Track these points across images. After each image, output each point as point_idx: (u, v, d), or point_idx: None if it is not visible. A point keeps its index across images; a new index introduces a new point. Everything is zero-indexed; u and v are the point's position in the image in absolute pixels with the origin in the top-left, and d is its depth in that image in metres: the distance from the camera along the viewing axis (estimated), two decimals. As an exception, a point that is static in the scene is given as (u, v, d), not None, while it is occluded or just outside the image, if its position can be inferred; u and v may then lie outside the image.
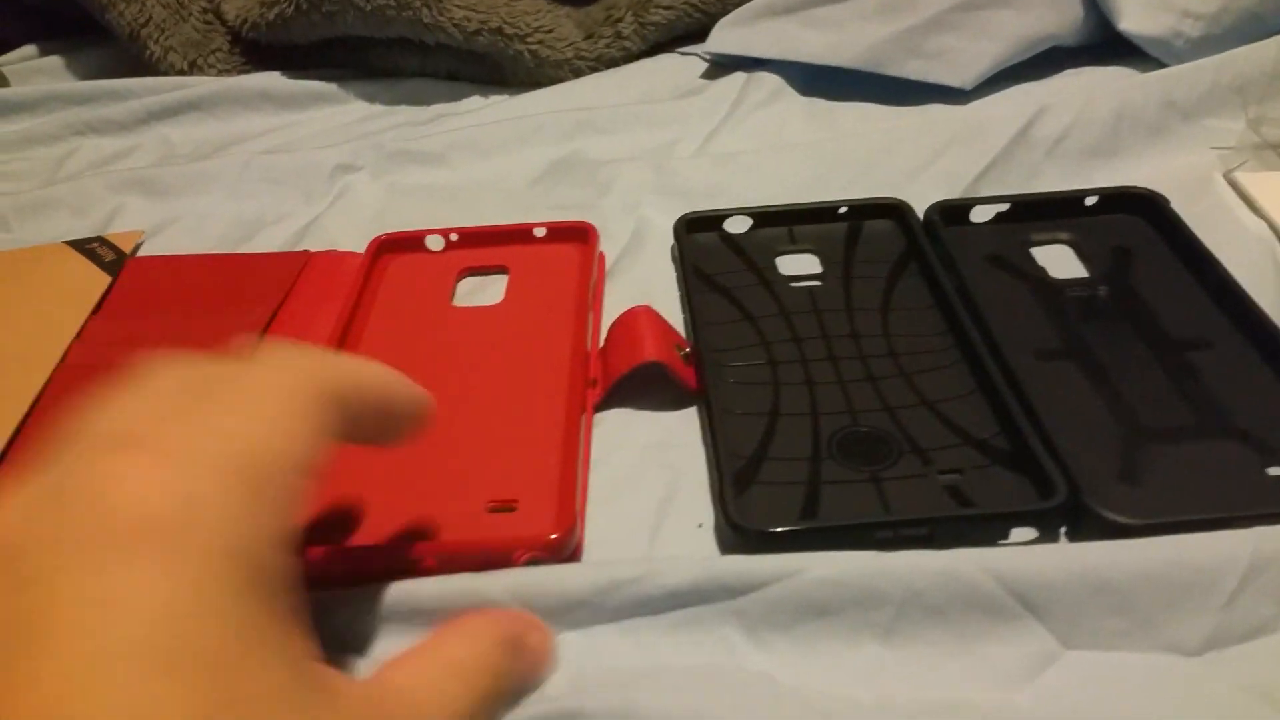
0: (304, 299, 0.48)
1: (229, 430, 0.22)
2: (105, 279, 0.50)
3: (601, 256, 0.50)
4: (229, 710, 0.19)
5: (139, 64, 0.66)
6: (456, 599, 0.33)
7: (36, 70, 0.71)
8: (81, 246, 0.52)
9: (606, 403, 0.42)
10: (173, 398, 0.22)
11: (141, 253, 0.53)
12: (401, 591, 0.33)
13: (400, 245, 0.50)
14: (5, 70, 0.70)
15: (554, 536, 0.35)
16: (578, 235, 0.50)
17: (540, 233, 0.50)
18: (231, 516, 0.20)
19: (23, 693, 0.18)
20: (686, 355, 0.42)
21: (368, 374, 0.27)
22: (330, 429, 0.24)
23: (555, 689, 0.32)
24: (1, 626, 0.19)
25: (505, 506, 0.37)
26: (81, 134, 0.63)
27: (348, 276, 0.48)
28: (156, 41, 0.65)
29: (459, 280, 0.49)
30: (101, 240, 0.53)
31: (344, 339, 0.44)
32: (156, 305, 0.49)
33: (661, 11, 0.65)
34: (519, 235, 0.50)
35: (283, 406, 0.23)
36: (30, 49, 0.73)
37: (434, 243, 0.50)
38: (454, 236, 0.50)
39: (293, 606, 0.22)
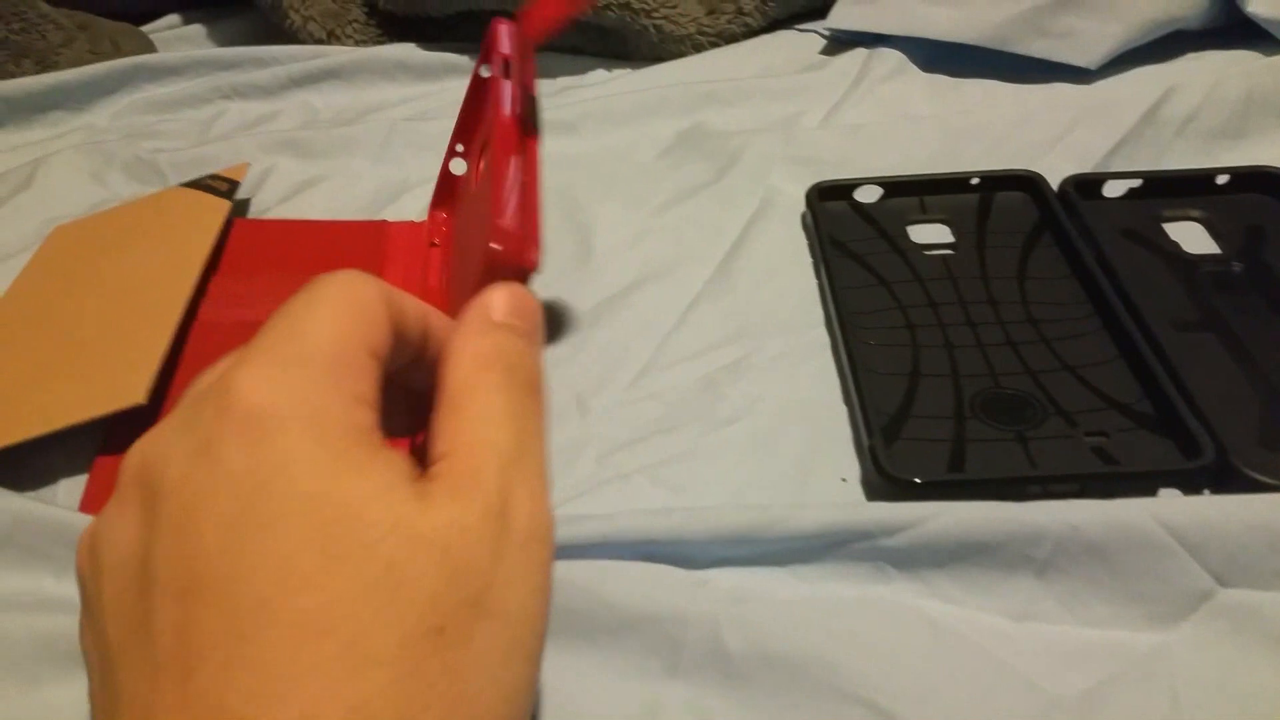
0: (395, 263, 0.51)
1: (304, 331, 0.24)
2: (225, 204, 0.53)
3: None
4: (343, 527, 0.21)
5: (278, 32, 0.69)
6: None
7: (180, 38, 0.75)
8: (197, 184, 0.55)
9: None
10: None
11: (296, 209, 0.56)
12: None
13: None
14: (152, 37, 0.73)
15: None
16: None
17: None
18: (316, 389, 0.23)
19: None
20: None
21: (413, 302, 0.27)
22: (383, 327, 0.25)
23: (712, 617, 0.33)
24: (146, 535, 0.22)
25: None
26: (228, 97, 0.66)
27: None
28: (297, 11, 0.67)
29: None
30: (212, 175, 0.56)
31: None
32: (267, 265, 0.52)
33: (784, -12, 0.66)
34: None
35: (342, 308, 0.24)
36: (174, 18, 0.76)
37: None
38: None
39: (375, 440, 0.23)
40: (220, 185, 0.55)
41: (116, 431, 0.43)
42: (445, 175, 0.52)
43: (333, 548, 0.21)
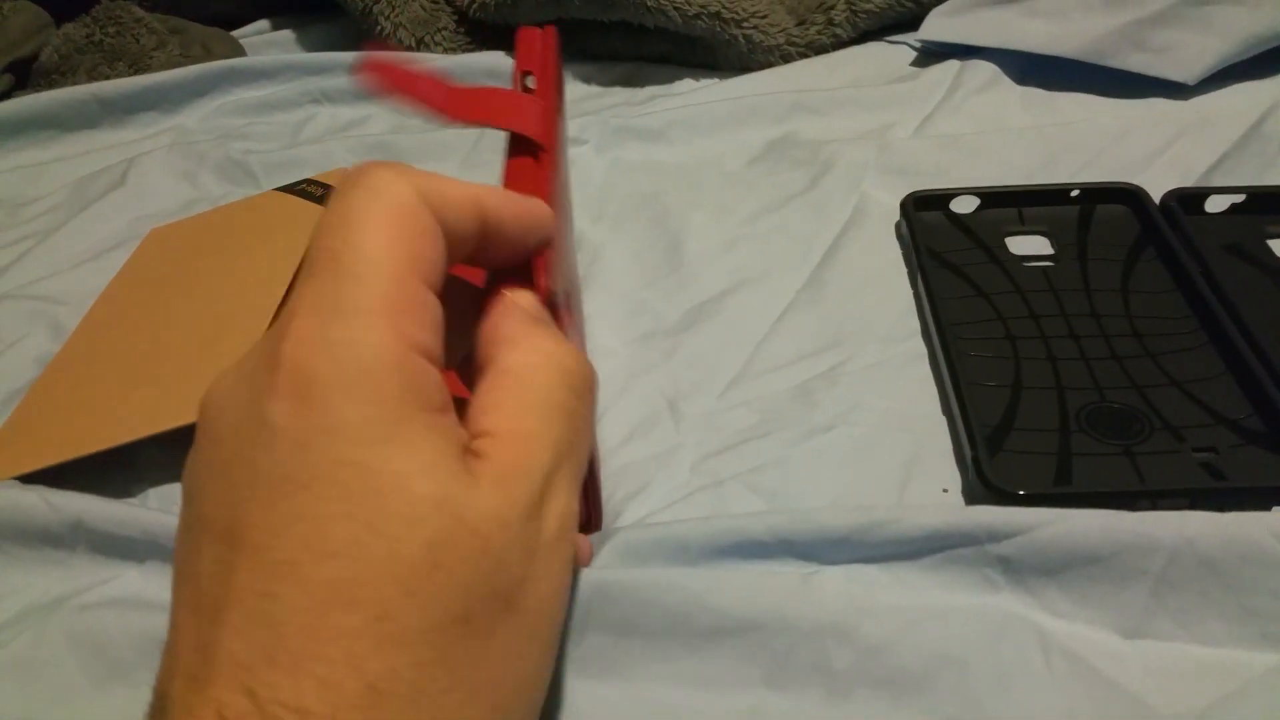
0: None
1: (353, 270, 0.22)
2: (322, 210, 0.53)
3: None
4: (382, 498, 0.21)
5: (367, 39, 0.70)
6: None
7: (269, 43, 0.76)
8: (292, 189, 0.56)
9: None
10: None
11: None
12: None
13: None
14: (242, 42, 0.74)
15: None
16: None
17: None
18: (367, 346, 0.22)
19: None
20: None
21: (458, 190, 0.25)
22: (435, 243, 0.24)
23: (816, 626, 0.33)
24: (207, 479, 0.22)
25: None
26: (318, 102, 0.67)
27: None
28: (387, 18, 0.68)
29: None
30: (309, 180, 0.56)
31: None
32: None
33: (874, 0, 0.66)
34: None
35: (391, 232, 0.23)
36: (263, 24, 0.78)
37: None
38: None
39: (436, 405, 0.23)
40: (316, 190, 0.55)
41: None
42: None
43: (371, 518, 0.21)
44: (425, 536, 0.21)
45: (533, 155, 0.30)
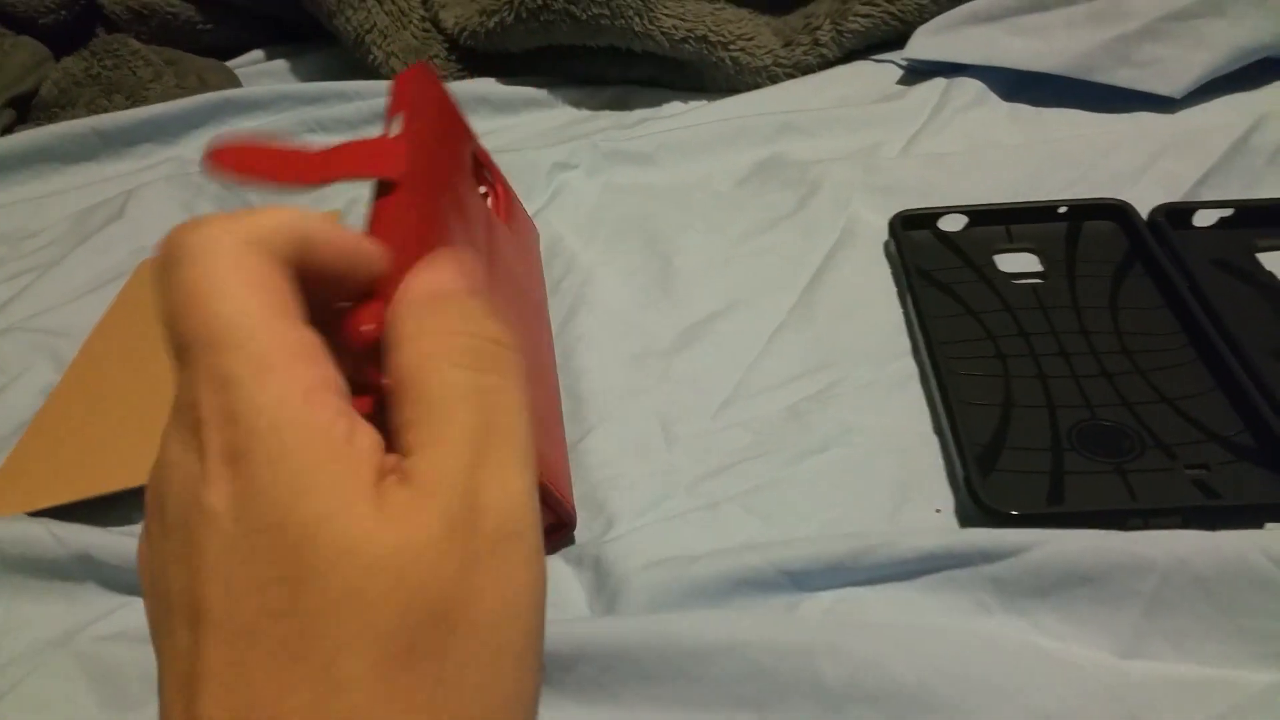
0: None
1: (225, 341, 0.22)
2: None
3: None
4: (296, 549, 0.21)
5: (360, 68, 0.70)
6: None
7: (263, 73, 0.76)
8: None
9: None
10: None
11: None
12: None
13: None
14: (236, 72, 0.75)
15: None
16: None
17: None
18: (270, 404, 0.22)
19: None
20: None
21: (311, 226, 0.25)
22: (284, 271, 0.24)
23: (807, 646, 0.33)
24: (159, 551, 0.23)
25: None
26: (313, 131, 0.68)
27: None
28: (379, 47, 0.69)
29: None
30: None
31: None
32: None
33: (860, 20, 0.66)
34: None
35: (253, 297, 0.23)
36: (257, 53, 0.78)
37: None
38: None
39: (335, 437, 0.23)
40: None
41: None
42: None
43: (298, 575, 0.21)
44: (340, 582, 0.21)
45: (393, 194, 0.30)
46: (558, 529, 0.39)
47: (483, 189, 0.45)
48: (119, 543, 0.39)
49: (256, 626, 0.21)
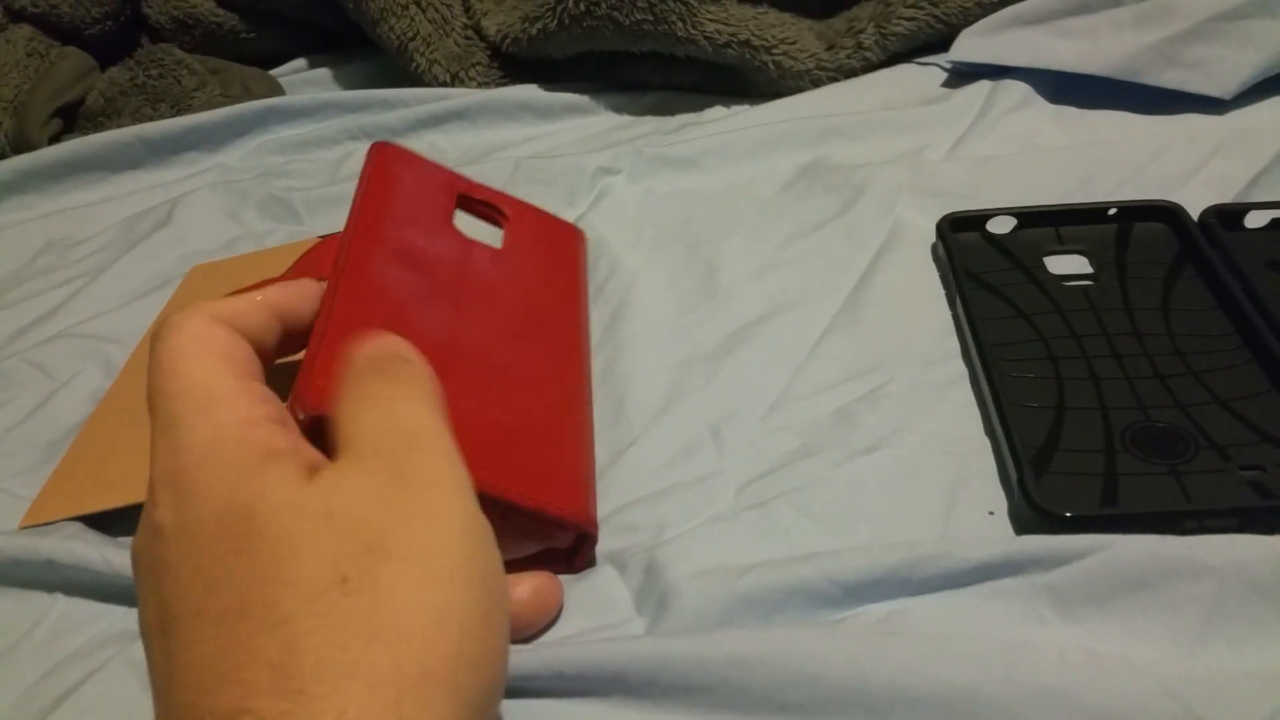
0: None
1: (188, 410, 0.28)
2: None
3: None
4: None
5: (403, 75, 0.71)
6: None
7: (306, 81, 0.77)
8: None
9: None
10: None
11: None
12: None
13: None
14: (280, 81, 0.76)
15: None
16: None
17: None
18: (212, 428, 0.28)
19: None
20: None
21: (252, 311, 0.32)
22: (240, 341, 0.31)
23: (849, 650, 0.33)
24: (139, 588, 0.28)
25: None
26: (356, 138, 0.68)
27: None
28: (422, 54, 0.69)
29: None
30: None
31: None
32: None
33: (904, 22, 0.66)
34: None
35: (206, 360, 0.29)
36: (300, 62, 0.79)
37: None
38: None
39: (273, 445, 0.28)
40: None
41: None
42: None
43: (237, 544, 0.25)
44: (276, 533, 0.25)
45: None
46: (581, 544, 0.39)
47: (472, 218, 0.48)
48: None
49: (203, 608, 0.25)
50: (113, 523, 0.42)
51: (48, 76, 0.74)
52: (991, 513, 0.38)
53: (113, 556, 0.40)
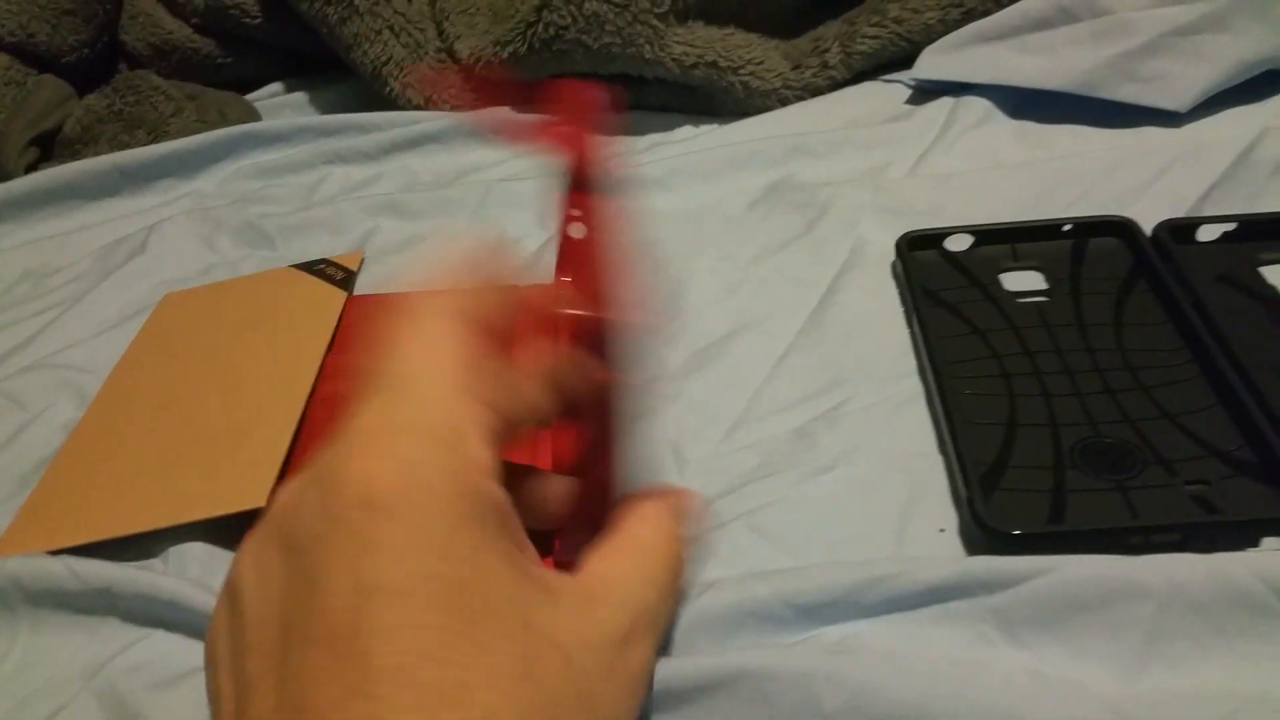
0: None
1: (412, 393, 0.27)
2: (341, 294, 0.55)
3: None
4: (475, 614, 0.24)
5: (377, 99, 0.72)
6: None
7: (283, 105, 0.78)
8: (310, 269, 0.57)
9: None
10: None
11: (394, 267, 0.58)
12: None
13: None
14: (256, 105, 0.77)
15: None
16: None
17: None
18: (439, 469, 0.25)
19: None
20: None
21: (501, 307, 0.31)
22: (489, 365, 0.28)
23: (807, 674, 0.33)
24: (285, 582, 0.25)
25: None
26: (331, 163, 0.69)
27: None
28: (396, 79, 0.70)
29: None
30: (326, 261, 0.58)
31: None
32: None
33: (868, 41, 0.67)
34: None
35: (446, 358, 0.27)
36: (276, 86, 0.80)
37: None
38: None
39: (506, 524, 0.27)
40: (335, 273, 0.57)
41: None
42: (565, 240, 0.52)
43: (466, 630, 0.24)
44: (518, 650, 0.24)
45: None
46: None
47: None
48: (138, 577, 0.40)
49: (406, 666, 0.23)
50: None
51: (24, 105, 0.74)
52: (943, 530, 0.39)
53: (79, 568, 0.40)
